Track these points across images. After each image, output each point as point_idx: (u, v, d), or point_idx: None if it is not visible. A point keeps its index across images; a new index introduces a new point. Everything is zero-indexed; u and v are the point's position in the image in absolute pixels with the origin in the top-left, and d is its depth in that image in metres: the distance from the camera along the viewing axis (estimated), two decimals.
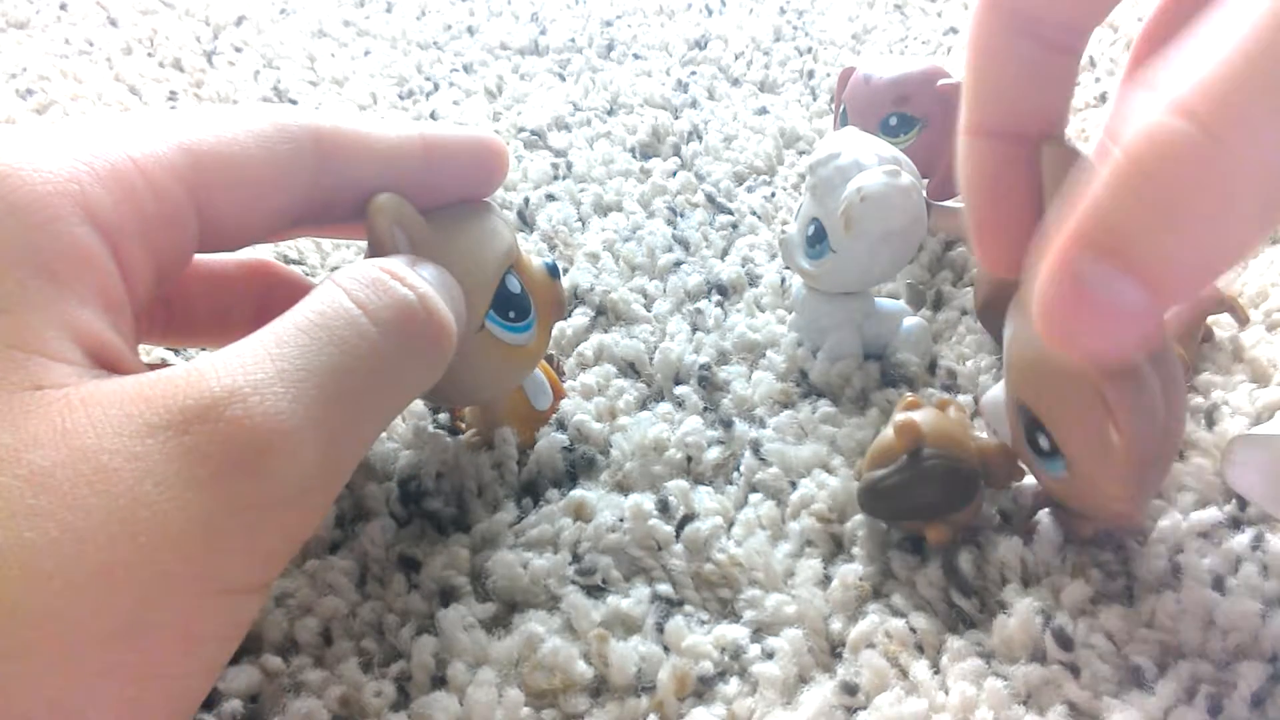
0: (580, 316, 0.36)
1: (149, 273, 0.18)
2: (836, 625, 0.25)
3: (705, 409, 0.32)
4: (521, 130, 0.50)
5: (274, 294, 0.26)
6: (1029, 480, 0.27)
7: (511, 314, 0.25)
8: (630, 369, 0.34)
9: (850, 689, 0.23)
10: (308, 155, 0.21)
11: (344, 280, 0.19)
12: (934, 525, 0.26)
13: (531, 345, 0.26)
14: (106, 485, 0.14)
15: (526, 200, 0.44)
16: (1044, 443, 0.24)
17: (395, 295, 0.20)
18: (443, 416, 0.31)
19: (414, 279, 0.20)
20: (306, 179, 0.21)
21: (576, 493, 0.28)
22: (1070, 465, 0.23)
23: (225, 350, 0.17)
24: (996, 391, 0.27)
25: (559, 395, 0.31)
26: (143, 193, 0.18)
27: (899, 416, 0.25)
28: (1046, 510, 0.27)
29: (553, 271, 0.28)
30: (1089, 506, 0.24)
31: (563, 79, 0.57)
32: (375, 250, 0.22)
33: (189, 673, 0.15)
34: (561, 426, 0.30)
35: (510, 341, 0.25)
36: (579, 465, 0.30)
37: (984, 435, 0.28)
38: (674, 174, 0.46)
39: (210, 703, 0.22)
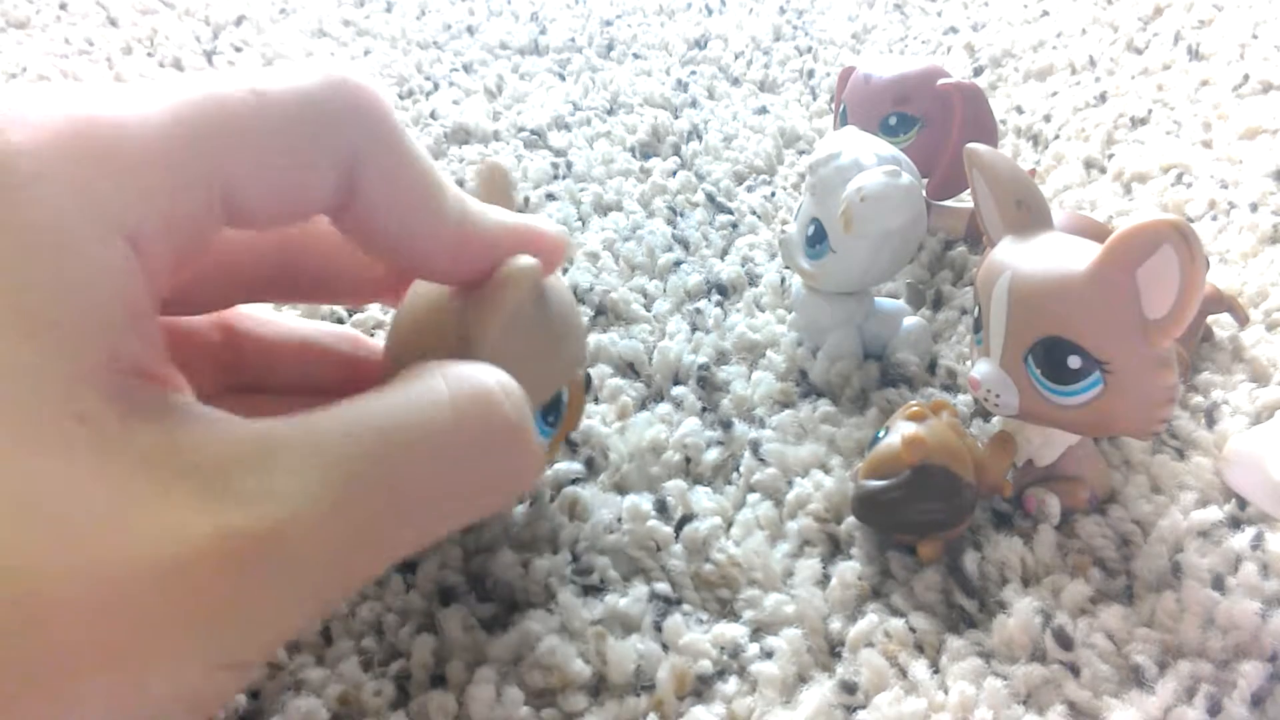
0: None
1: (169, 270, 0.17)
2: (835, 625, 0.25)
3: (704, 409, 0.32)
4: (521, 130, 0.50)
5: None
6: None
7: (550, 418, 0.24)
8: (629, 369, 0.34)
9: (849, 688, 0.23)
10: (343, 150, 0.19)
11: (453, 380, 0.18)
12: (927, 541, 0.26)
13: (546, 449, 0.25)
14: (154, 558, 0.14)
15: (526, 200, 0.44)
16: (1074, 362, 0.24)
17: (502, 426, 0.18)
18: None
19: (526, 412, 0.19)
20: (339, 177, 0.19)
21: (570, 489, 0.28)
22: (1111, 366, 0.23)
23: (285, 431, 0.16)
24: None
25: (574, 426, 0.29)
26: (169, 192, 0.17)
27: (907, 430, 0.25)
28: (1035, 489, 0.27)
29: (587, 382, 0.26)
30: (1126, 411, 0.24)
31: (563, 79, 0.57)
32: (483, 313, 0.20)
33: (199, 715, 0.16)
34: None
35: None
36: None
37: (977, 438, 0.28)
38: (674, 173, 0.46)
39: None
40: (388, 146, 0.19)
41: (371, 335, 0.34)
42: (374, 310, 0.37)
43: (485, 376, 0.18)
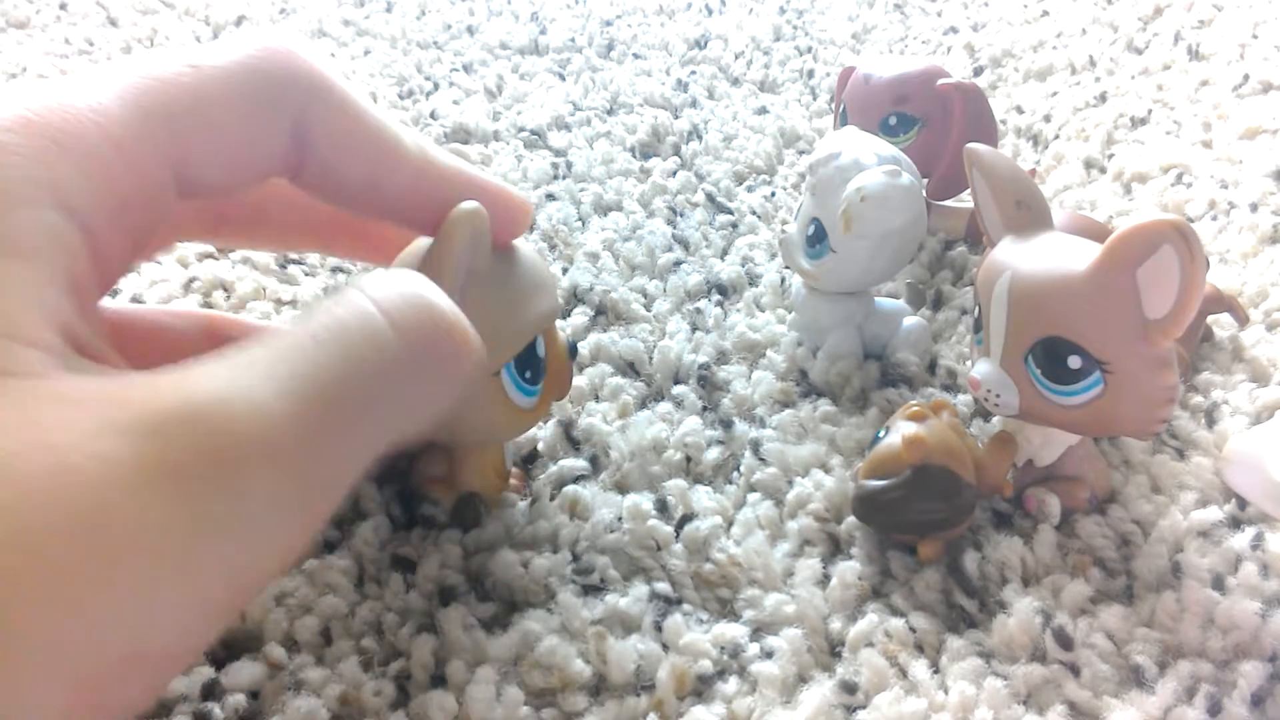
0: (580, 316, 0.36)
1: (121, 247, 0.18)
2: (836, 625, 0.25)
3: (705, 409, 0.32)
4: (521, 130, 0.50)
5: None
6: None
7: (528, 374, 0.25)
8: (630, 368, 0.34)
9: (849, 688, 0.23)
10: (289, 113, 0.20)
11: (375, 288, 0.18)
12: (927, 541, 0.26)
13: (530, 411, 0.25)
14: (70, 483, 0.13)
15: None
16: (1075, 362, 0.24)
17: (431, 315, 0.18)
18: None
19: (444, 298, 0.18)
20: (288, 139, 0.20)
21: (570, 488, 0.28)
22: (1111, 366, 0.23)
23: (226, 356, 0.16)
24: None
25: (560, 392, 0.29)
26: (116, 169, 0.17)
27: (907, 430, 0.25)
28: (1035, 489, 0.27)
29: (572, 351, 0.27)
30: (1126, 411, 0.24)
31: (563, 79, 0.57)
32: (432, 259, 0.21)
33: (134, 689, 0.14)
34: (566, 427, 0.30)
35: (515, 400, 0.24)
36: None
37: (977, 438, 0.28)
38: (674, 173, 0.46)
39: (213, 694, 0.22)
40: (335, 102, 0.20)
41: None
42: None
43: (399, 274, 0.18)
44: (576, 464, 0.29)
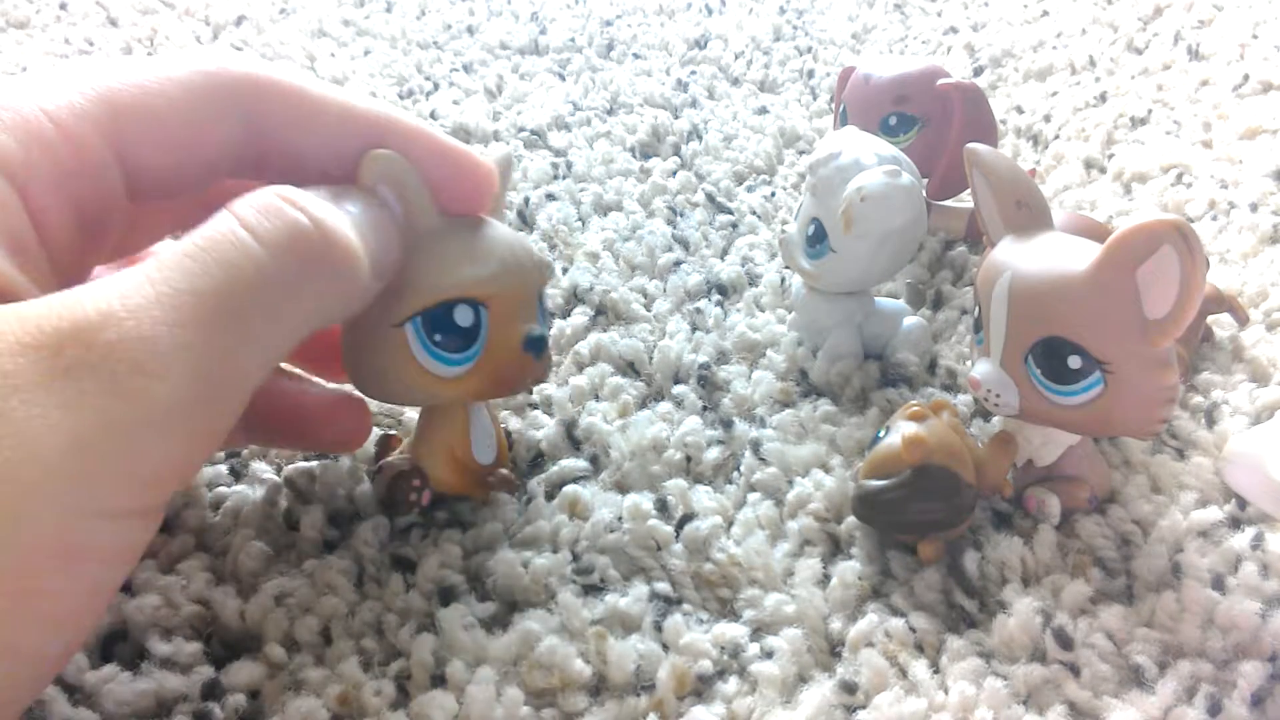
0: (579, 316, 0.36)
1: (67, 220, 0.19)
2: (836, 624, 0.25)
3: (705, 409, 0.32)
4: (521, 130, 0.50)
5: None
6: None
7: (438, 338, 0.23)
8: (630, 368, 0.34)
9: (849, 688, 0.23)
10: (238, 106, 0.21)
11: (237, 206, 0.19)
12: (927, 541, 0.26)
13: (447, 383, 0.24)
14: None
15: (526, 200, 0.44)
16: (1075, 362, 0.24)
17: (286, 218, 0.19)
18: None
19: (313, 204, 0.20)
20: (238, 131, 0.21)
21: (570, 488, 0.28)
22: (1112, 366, 0.23)
23: (109, 276, 0.17)
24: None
25: (502, 460, 0.29)
26: (55, 142, 0.18)
27: (907, 430, 0.25)
28: (1036, 488, 0.27)
29: (530, 345, 0.25)
30: (1126, 411, 0.24)
31: (563, 79, 0.57)
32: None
33: (69, 591, 0.16)
34: (566, 427, 0.30)
35: (424, 364, 0.23)
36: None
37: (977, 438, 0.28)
38: (674, 173, 0.46)
39: (213, 694, 0.22)
40: (282, 89, 0.21)
41: None
42: None
43: (264, 191, 0.19)
44: (576, 464, 0.29)
